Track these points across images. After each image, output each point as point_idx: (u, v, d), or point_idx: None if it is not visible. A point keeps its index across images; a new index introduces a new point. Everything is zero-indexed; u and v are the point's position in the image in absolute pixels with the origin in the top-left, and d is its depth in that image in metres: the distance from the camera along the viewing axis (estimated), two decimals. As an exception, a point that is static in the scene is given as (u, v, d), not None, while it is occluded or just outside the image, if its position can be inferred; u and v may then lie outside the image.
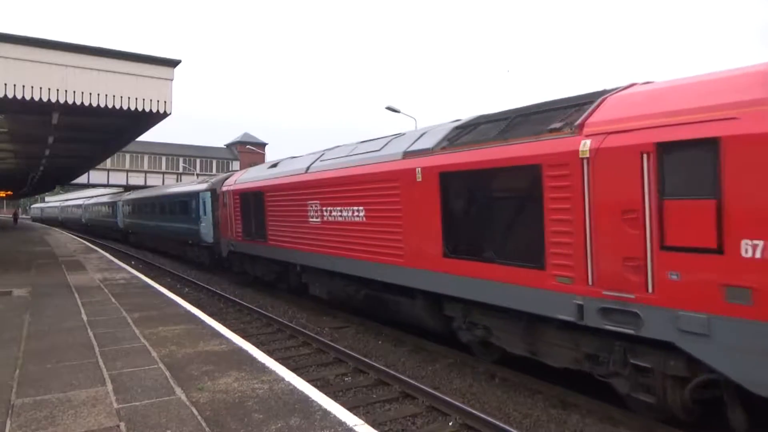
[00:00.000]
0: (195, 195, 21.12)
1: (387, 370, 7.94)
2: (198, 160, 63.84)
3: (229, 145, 69.94)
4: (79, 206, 54.66)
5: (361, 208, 9.74)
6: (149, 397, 5.16)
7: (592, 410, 6.46)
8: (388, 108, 31.32)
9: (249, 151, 64.81)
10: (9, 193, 50.78)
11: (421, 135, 8.96)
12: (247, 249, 15.64)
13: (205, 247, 20.51)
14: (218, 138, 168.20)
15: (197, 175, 57.46)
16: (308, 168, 11.99)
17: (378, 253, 9.29)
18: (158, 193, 28.46)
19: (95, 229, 45.60)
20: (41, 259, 18.80)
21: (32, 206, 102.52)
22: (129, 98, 10.90)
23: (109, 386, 5.49)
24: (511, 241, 6.89)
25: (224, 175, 20.88)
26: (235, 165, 64.51)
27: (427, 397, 6.90)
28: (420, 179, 8.24)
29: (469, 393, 7.28)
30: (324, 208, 10.99)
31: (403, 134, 9.94)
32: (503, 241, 7.00)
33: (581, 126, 6.02)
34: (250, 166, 29.06)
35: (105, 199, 42.97)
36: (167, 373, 5.90)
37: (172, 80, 11.47)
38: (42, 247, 24.63)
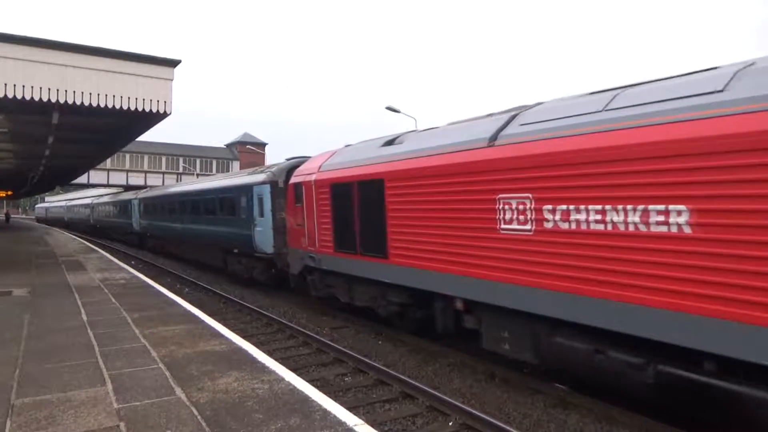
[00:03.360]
0: (247, 189, 16.11)
1: (387, 370, 7.94)
2: (198, 160, 63.87)
3: (229, 145, 69.98)
4: (87, 205, 49.21)
5: (681, 207, 5.10)
6: (149, 397, 5.16)
7: (592, 410, 6.46)
8: (388, 108, 31.34)
9: (249, 151, 64.85)
10: (9, 193, 50.78)
11: None
12: (344, 267, 10.86)
13: (259, 259, 15.66)
14: (218, 138, 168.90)
15: (197, 175, 57.47)
16: (494, 138, 7.28)
17: (737, 303, 4.65)
18: (190, 188, 22.69)
19: (105, 231, 41.27)
20: (41, 259, 18.80)
21: (36, 206, 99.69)
22: (129, 98, 10.96)
23: (109, 386, 5.49)
24: None
25: (289, 161, 15.48)
26: (235, 165, 64.64)
27: (427, 397, 6.90)
28: None
29: (469, 393, 7.28)
30: (544, 207, 6.42)
31: (751, 63, 5.15)
32: None
33: None
34: (250, 166, 28.13)
35: (118, 198, 37.67)
36: (167, 373, 5.90)
37: (172, 80, 11.53)
38: (42, 247, 24.62)
